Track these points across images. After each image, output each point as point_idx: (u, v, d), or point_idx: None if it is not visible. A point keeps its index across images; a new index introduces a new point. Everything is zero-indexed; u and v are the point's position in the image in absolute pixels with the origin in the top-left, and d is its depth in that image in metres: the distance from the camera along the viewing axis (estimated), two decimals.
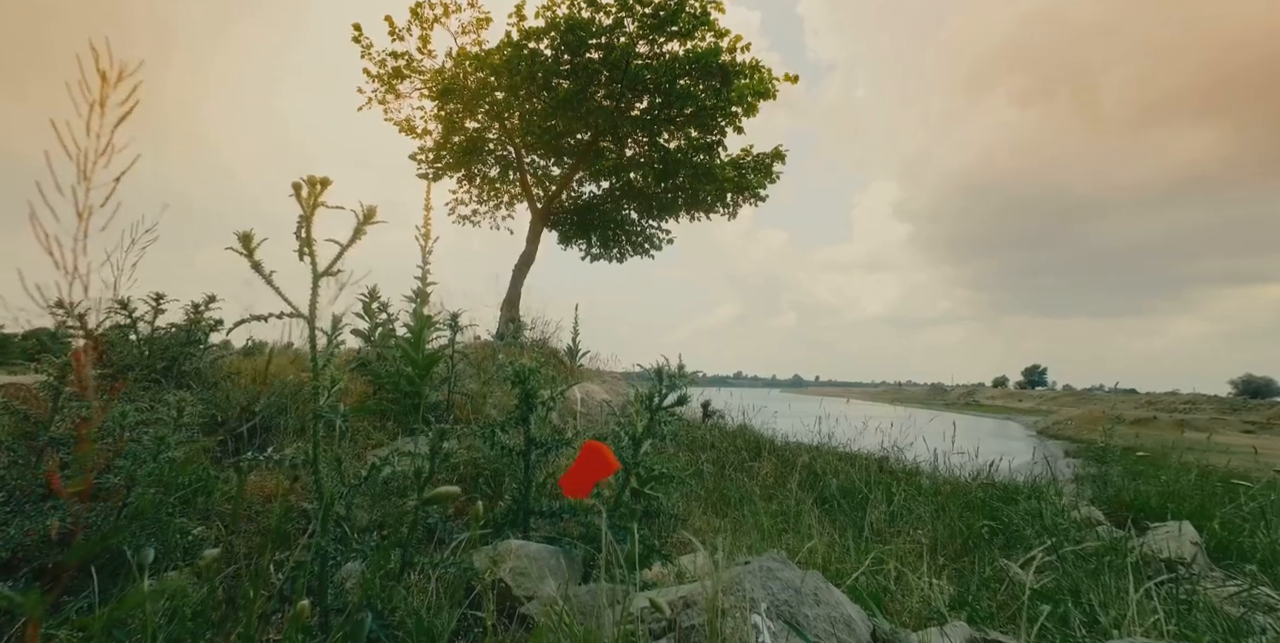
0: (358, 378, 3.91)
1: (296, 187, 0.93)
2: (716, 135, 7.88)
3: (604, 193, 9.50)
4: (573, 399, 4.03)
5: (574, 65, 6.90)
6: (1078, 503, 2.51)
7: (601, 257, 10.14)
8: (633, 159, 8.63)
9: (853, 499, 2.64)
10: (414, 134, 9.12)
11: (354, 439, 2.92)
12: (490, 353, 7.25)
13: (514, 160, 8.95)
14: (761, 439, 3.94)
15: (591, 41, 6.62)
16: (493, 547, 1.31)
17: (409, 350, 3.35)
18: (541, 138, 8.12)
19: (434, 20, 7.77)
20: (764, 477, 3.39)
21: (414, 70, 8.24)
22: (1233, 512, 2.13)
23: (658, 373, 1.47)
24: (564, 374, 7.24)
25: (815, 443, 3.95)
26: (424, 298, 3.56)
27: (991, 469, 3.67)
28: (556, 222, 9.50)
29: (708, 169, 8.30)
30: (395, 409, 3.25)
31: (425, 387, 3.30)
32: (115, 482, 1.56)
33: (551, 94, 7.20)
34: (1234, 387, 60.97)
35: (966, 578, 1.62)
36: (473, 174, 9.47)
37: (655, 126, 7.99)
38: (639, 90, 7.37)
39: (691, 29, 6.41)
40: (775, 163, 8.88)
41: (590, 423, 3.93)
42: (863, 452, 3.85)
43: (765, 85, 7.32)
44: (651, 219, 9.56)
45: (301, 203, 0.94)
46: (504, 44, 6.97)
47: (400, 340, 3.48)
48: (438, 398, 3.38)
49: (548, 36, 6.71)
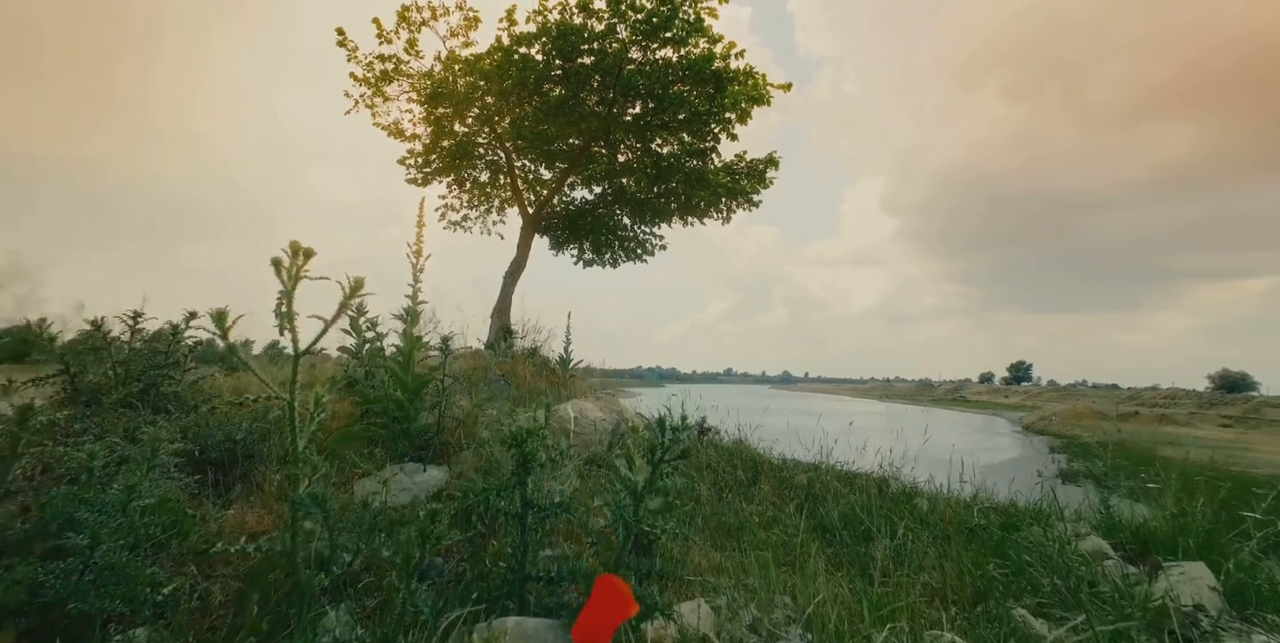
0: (344, 396, 3.80)
1: (276, 262, 0.84)
2: (710, 142, 7.81)
3: (596, 198, 9.41)
4: (565, 418, 3.93)
5: (566, 71, 6.80)
6: (1083, 532, 2.46)
7: (594, 262, 10.04)
8: (625, 165, 8.54)
9: (854, 530, 2.57)
10: (402, 138, 8.98)
11: (340, 468, 2.82)
12: (482, 363, 7.15)
13: (504, 165, 8.84)
14: (759, 458, 3.87)
15: (584, 47, 6.52)
16: (486, 625, 1.23)
17: (398, 372, 3.24)
18: (533, 143, 8.01)
19: (422, 23, 7.63)
20: (762, 499, 3.33)
21: (402, 73, 8.09)
22: (1247, 546, 2.09)
23: (659, 423, 1.39)
24: (557, 384, 7.15)
25: (814, 461, 3.89)
26: (414, 317, 3.45)
27: (990, 489, 3.63)
28: (548, 227, 9.39)
29: (701, 175, 8.23)
30: (383, 433, 3.15)
31: (415, 410, 3.19)
32: (79, 541, 1.45)
33: (543, 100, 7.10)
34: (1211, 381, 62.00)
35: (983, 634, 1.56)
36: (463, 179, 9.34)
37: (648, 132, 7.91)
38: (631, 96, 7.28)
39: (685, 36, 6.33)
40: (769, 169, 8.83)
41: (584, 443, 3.84)
42: (862, 471, 3.80)
43: (759, 91, 7.26)
44: (644, 225, 9.48)
45: (282, 278, 0.85)
46: (494, 49, 6.85)
47: (389, 362, 3.38)
48: (427, 421, 3.28)
49: (539, 42, 6.60)
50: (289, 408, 1.01)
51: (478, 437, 3.51)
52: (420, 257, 3.49)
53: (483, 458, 3.13)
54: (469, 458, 3.14)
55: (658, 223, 9.38)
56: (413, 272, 3.45)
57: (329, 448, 2.75)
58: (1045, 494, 3.28)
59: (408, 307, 3.49)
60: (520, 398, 5.43)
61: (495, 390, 5.75)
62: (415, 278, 3.46)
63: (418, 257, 3.49)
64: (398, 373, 3.22)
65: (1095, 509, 2.84)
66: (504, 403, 5.15)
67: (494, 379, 5.82)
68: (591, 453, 3.83)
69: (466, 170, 9.10)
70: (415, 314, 3.47)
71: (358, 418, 3.43)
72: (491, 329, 8.27)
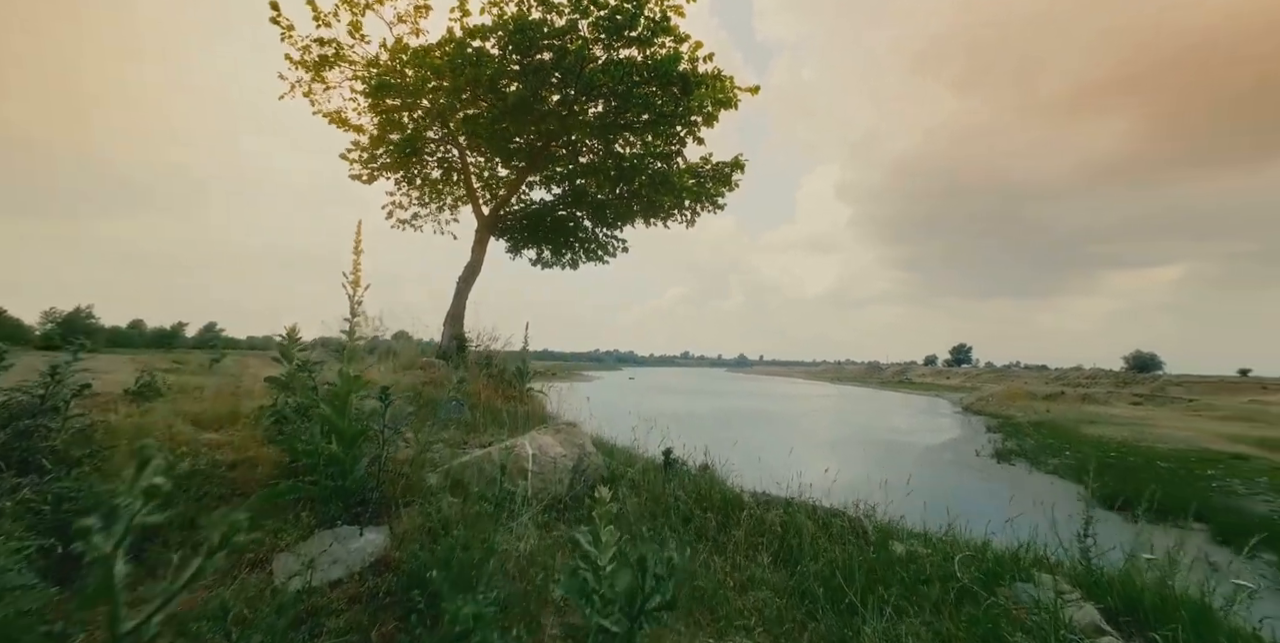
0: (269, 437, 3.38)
1: None
2: (676, 145, 7.53)
3: (556, 199, 9.00)
4: (523, 455, 3.62)
5: (524, 67, 6.35)
6: (1067, 592, 2.36)
7: (554, 264, 9.66)
8: (587, 166, 8.17)
9: (837, 602, 2.41)
10: (347, 127, 8.28)
11: (258, 539, 2.43)
12: (435, 377, 6.69)
13: (458, 162, 8.31)
14: (728, 496, 3.68)
15: (543, 43, 6.10)
16: None
17: (333, 420, 2.86)
18: (489, 141, 7.53)
19: (366, 6, 6.99)
20: (735, 548, 3.14)
21: (344, 59, 7.41)
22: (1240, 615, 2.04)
23: (639, 562, 1.14)
24: (514, 400, 6.78)
25: (786, 497, 3.74)
26: (352, 354, 3.06)
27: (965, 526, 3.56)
28: (505, 229, 8.93)
29: (665, 178, 7.96)
30: (315, 491, 2.76)
31: (351, 461, 2.82)
32: None
33: (499, 97, 6.63)
34: (1126, 362, 66.83)
35: None
36: (412, 175, 8.74)
37: (611, 133, 7.56)
38: (594, 95, 6.91)
39: (651, 35, 6.00)
40: (735, 171, 8.65)
41: (544, 483, 3.54)
42: (837, 508, 3.67)
43: (727, 94, 7.03)
44: (606, 227, 9.15)
45: None
46: (445, 41, 6.32)
47: (322, 407, 2.98)
48: (366, 471, 2.91)
49: (495, 35, 6.13)
50: None
51: (425, 486, 3.17)
52: (358, 287, 3.10)
53: (430, 516, 2.80)
54: (414, 516, 2.81)
55: (619, 225, 9.08)
56: (350, 304, 3.06)
57: (249, 515, 2.38)
58: (1019, 532, 3.23)
59: (344, 342, 3.10)
60: (474, 425, 5.07)
61: (450, 412, 5.36)
62: (352, 310, 3.07)
63: (355, 287, 3.10)
64: (332, 421, 2.84)
65: (1074, 560, 2.78)
66: (457, 431, 4.79)
67: (447, 401, 5.43)
68: (553, 495, 3.55)
69: (416, 166, 8.51)
70: (354, 351, 3.08)
71: (285, 469, 3.03)
72: (444, 338, 7.80)
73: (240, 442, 3.28)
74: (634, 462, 4.55)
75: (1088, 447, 24.67)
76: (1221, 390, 49.76)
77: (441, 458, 3.59)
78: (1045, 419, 34.99)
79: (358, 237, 3.04)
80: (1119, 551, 2.77)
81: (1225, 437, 27.89)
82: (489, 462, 3.60)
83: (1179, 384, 53.17)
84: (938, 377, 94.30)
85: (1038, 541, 3.13)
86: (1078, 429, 30.16)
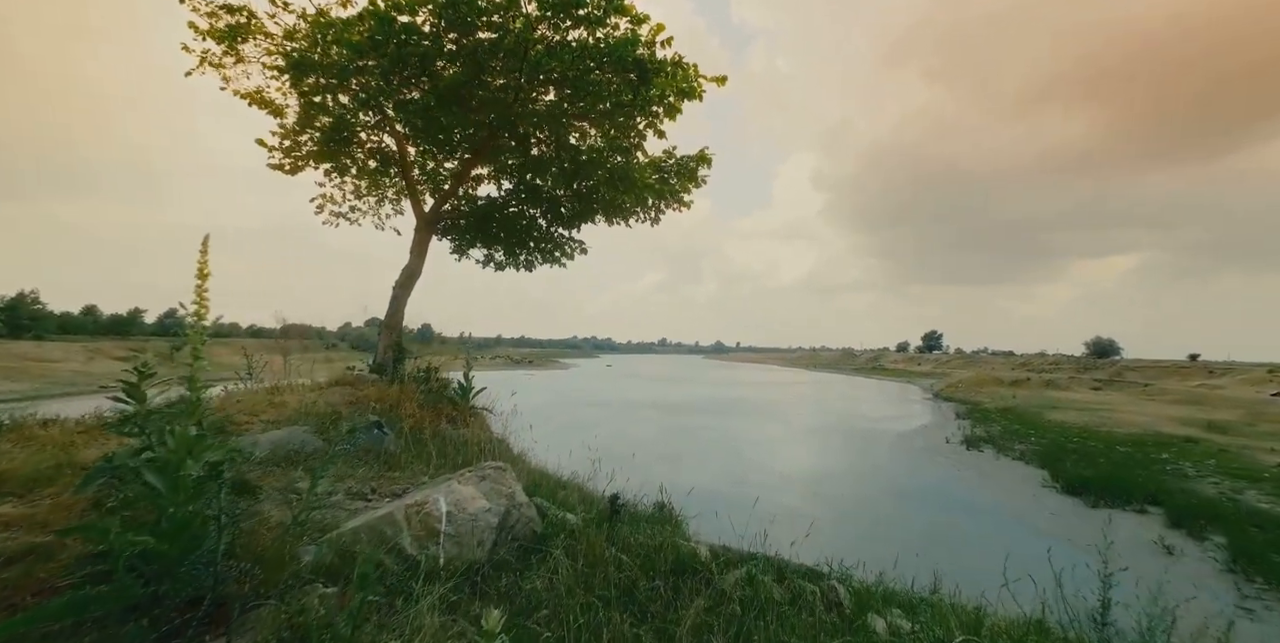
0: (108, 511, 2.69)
1: None
2: (635, 138, 6.89)
3: (506, 195, 8.26)
4: (434, 514, 3.00)
5: (460, 48, 5.61)
6: None
7: (506, 265, 8.94)
8: (538, 159, 7.46)
9: None
10: (270, 109, 7.33)
11: None
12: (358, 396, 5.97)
13: (394, 154, 7.49)
14: (683, 555, 3.15)
15: (481, 20, 5.36)
16: None
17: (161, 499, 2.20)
18: (426, 130, 6.75)
19: None
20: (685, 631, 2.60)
21: (258, 30, 6.49)
22: None
23: None
24: (455, 420, 6.11)
25: (749, 552, 3.22)
26: (194, 408, 2.40)
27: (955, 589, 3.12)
28: (449, 228, 8.16)
29: (625, 173, 7.32)
30: (109, 603, 2.09)
31: (180, 553, 2.17)
32: None
33: (433, 81, 5.87)
34: (1087, 348, 69.51)
35: None
36: (344, 166, 7.89)
37: (563, 122, 6.87)
38: (543, 81, 6.21)
39: (602, 15, 5.33)
40: (700, 166, 8.06)
41: (459, 549, 2.94)
42: (806, 566, 3.18)
43: (689, 84, 6.41)
44: (562, 227, 8.47)
45: None
46: (367, 14, 5.51)
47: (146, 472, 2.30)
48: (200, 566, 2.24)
49: (424, 9, 5.36)
50: None
51: (297, 566, 2.53)
52: (202, 319, 2.44)
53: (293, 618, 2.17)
54: (270, 620, 2.17)
55: (577, 224, 8.40)
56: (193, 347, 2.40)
57: None
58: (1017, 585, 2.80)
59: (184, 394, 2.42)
60: (395, 460, 4.40)
61: (371, 441, 4.68)
62: (195, 353, 2.40)
63: (198, 319, 2.43)
64: (158, 503, 2.17)
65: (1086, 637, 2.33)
66: (370, 470, 4.13)
67: (367, 427, 4.74)
68: (469, 562, 2.95)
69: (348, 157, 7.66)
70: (196, 404, 2.42)
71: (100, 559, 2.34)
72: (380, 348, 7.06)
73: (46, 516, 2.57)
74: (577, 505, 3.99)
75: (1052, 433, 25.37)
76: (1173, 375, 52.21)
77: (331, 520, 2.96)
78: (1012, 405, 36.02)
79: (202, 256, 2.32)
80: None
81: (1177, 420, 29.04)
82: (390, 524, 2.98)
83: (1134, 370, 55.72)
84: (910, 363, 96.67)
85: (1038, 588, 2.73)
86: (1042, 416, 31.13)
